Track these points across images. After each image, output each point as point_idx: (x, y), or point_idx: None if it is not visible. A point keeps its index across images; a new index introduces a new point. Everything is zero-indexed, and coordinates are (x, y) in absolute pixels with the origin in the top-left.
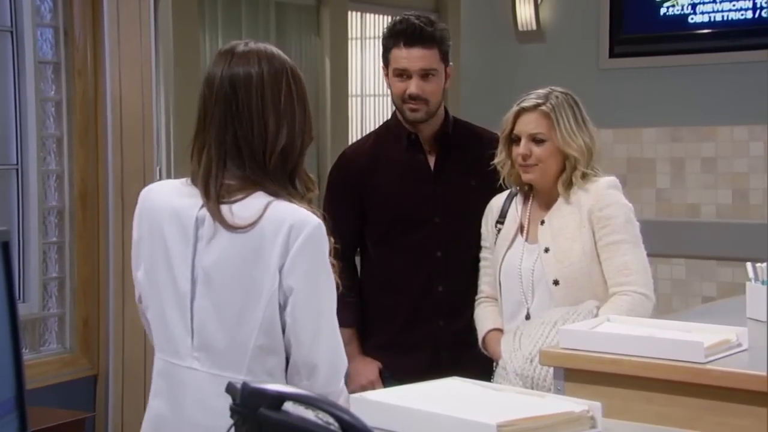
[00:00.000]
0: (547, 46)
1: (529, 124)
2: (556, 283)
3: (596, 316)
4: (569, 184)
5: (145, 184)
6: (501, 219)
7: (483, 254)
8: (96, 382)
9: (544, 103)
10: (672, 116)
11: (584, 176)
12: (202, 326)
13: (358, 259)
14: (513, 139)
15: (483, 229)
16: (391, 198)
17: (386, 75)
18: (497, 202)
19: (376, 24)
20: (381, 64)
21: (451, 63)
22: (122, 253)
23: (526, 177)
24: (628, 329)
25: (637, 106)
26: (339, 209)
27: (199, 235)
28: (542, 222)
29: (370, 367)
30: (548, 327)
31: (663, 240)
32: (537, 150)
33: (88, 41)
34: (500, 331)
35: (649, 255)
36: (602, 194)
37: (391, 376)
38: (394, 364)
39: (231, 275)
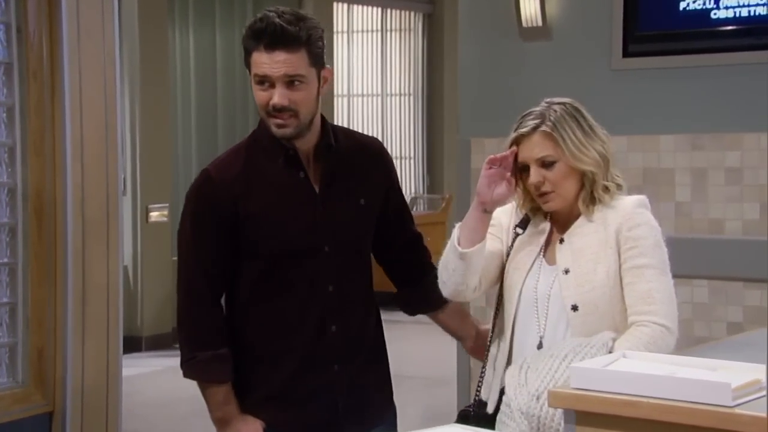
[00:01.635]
0: (554, 44)
1: (533, 149)
2: (574, 308)
3: (611, 348)
4: (591, 200)
5: (108, 197)
6: (522, 225)
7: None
8: (51, 420)
9: (542, 123)
10: (692, 122)
11: (606, 189)
12: None
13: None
14: (520, 169)
15: (496, 221)
16: (272, 228)
17: (251, 81)
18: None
19: (365, 17)
20: (368, 60)
21: (327, 65)
22: (82, 276)
23: (547, 207)
24: (647, 367)
25: (654, 110)
26: (205, 245)
27: None
28: (561, 240)
29: (252, 428)
30: (557, 361)
31: (683, 259)
32: (549, 174)
33: (44, 39)
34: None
35: None
36: (632, 213)
37: None
38: (283, 418)
39: None
